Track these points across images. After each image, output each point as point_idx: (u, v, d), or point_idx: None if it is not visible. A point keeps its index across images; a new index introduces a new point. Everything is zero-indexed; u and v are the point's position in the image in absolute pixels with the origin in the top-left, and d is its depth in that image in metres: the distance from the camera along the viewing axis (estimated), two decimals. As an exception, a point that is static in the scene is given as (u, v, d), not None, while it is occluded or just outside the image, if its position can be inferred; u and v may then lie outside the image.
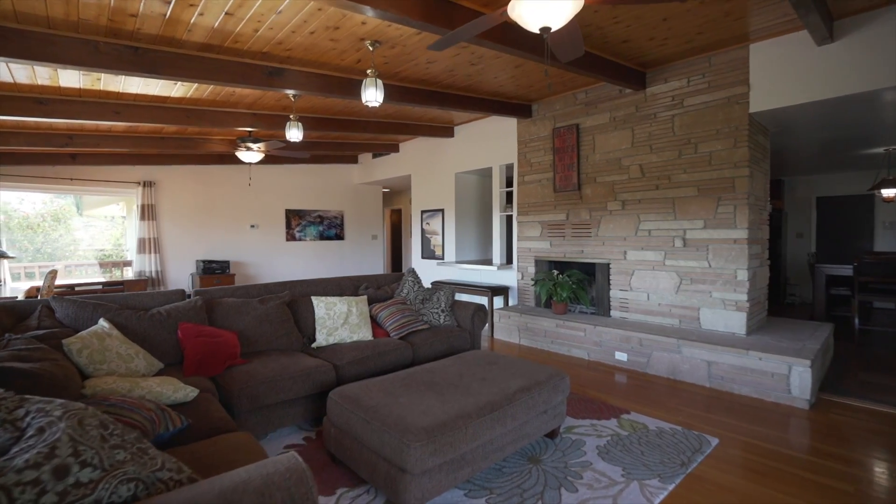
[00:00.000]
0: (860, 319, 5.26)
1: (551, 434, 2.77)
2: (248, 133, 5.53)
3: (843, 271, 5.51)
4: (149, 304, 3.03)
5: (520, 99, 5.29)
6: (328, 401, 2.41)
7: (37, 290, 5.57)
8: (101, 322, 2.58)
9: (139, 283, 6.63)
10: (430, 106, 4.53)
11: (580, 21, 3.10)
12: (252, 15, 2.86)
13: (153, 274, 6.94)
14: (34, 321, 2.53)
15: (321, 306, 3.52)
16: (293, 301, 3.60)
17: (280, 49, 3.38)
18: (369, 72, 3.16)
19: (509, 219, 6.36)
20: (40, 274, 6.44)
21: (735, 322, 3.99)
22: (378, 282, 4.41)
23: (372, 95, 3.11)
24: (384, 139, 7.43)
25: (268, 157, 6.84)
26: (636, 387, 3.78)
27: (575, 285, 4.98)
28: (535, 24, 1.96)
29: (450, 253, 7.08)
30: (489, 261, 6.65)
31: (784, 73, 3.66)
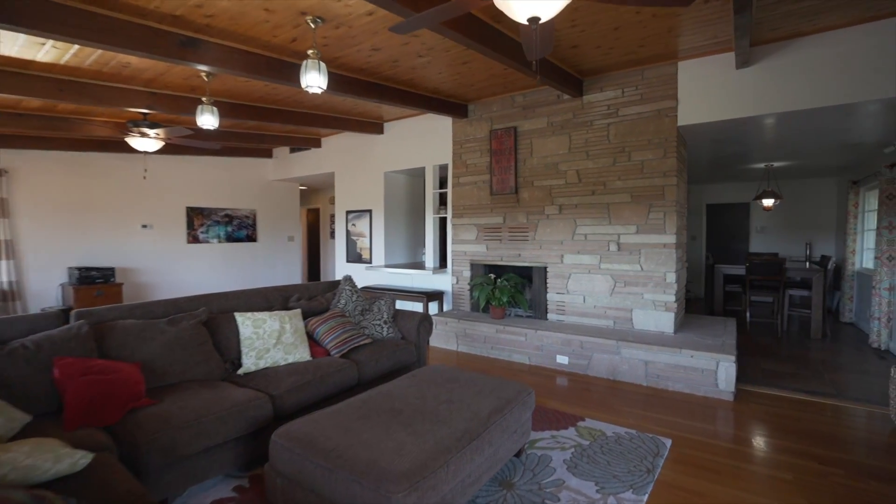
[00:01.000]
0: (748, 312, 5.98)
1: (518, 452, 2.62)
2: (143, 116, 4.64)
3: (737, 271, 6.22)
4: (5, 335, 2.29)
5: (458, 98, 5.13)
6: (271, 445, 1.99)
7: None
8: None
9: (-14, 298, 5.29)
10: (369, 98, 4.16)
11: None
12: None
13: (4, 286, 5.58)
14: None
15: (247, 324, 3.00)
16: (211, 319, 3.02)
17: (199, 14, 2.78)
18: (311, 52, 2.73)
19: (443, 221, 6.19)
20: None
21: (664, 322, 4.24)
22: (310, 292, 3.94)
23: (314, 80, 2.69)
24: (305, 132, 6.81)
25: (165, 147, 5.87)
26: (581, 390, 3.82)
27: (514, 289, 4.95)
28: (524, 14, 1.77)
29: (378, 256, 6.71)
30: (421, 265, 6.42)
31: (707, 91, 3.94)
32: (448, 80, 4.41)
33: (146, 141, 4.54)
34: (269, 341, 3.00)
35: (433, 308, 5.87)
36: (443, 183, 6.06)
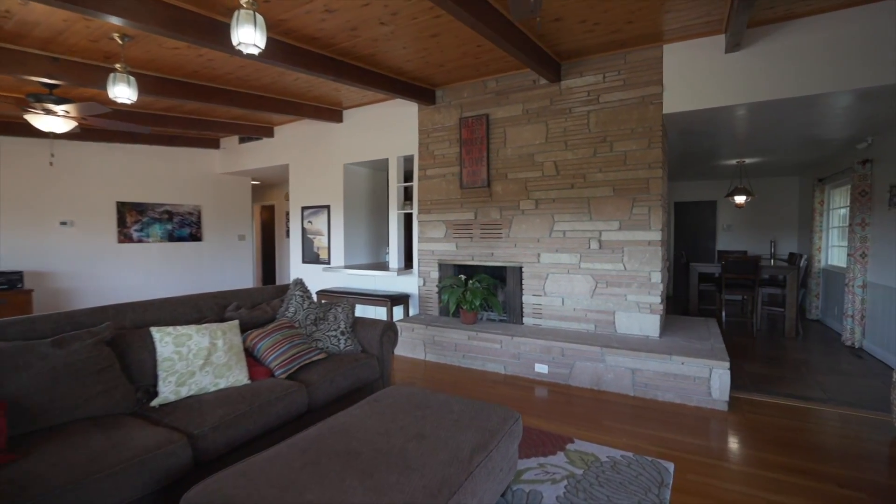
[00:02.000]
0: (722, 311, 5.84)
1: (503, 492, 2.18)
2: (49, 90, 3.88)
3: (712, 269, 6.08)
4: None
5: (425, 81, 4.66)
6: (179, 514, 1.46)
7: None
8: None
9: None
10: (324, 75, 3.61)
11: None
12: None
13: None
14: None
15: (167, 342, 2.41)
16: (120, 337, 2.41)
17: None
18: (244, 2, 2.17)
19: (408, 217, 5.69)
20: None
21: (649, 325, 3.94)
22: (253, 298, 3.36)
23: (249, 36, 2.14)
24: (255, 119, 6.13)
25: (91, 132, 5.06)
26: (565, 404, 3.44)
27: (486, 291, 4.54)
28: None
29: (338, 256, 6.13)
30: (385, 265, 5.89)
31: (693, 77, 3.66)
32: (414, 58, 3.92)
33: (52, 119, 3.79)
34: (195, 362, 2.42)
35: (398, 313, 5.37)
36: (408, 176, 5.57)
